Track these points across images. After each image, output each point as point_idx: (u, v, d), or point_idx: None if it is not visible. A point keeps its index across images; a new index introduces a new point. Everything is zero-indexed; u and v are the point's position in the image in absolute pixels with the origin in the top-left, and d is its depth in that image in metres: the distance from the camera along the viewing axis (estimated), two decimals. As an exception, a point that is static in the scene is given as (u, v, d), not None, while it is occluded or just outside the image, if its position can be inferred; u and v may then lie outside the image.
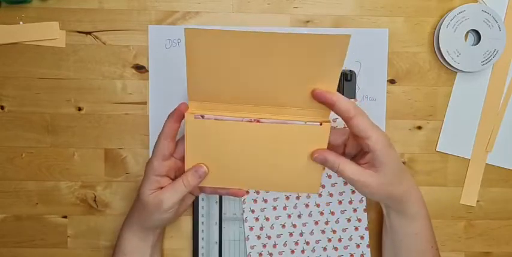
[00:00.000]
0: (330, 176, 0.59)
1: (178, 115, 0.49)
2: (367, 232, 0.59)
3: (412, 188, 0.51)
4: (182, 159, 0.52)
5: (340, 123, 0.57)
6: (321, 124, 0.48)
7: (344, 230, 0.59)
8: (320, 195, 0.59)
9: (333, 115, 0.49)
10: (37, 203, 0.60)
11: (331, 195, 0.59)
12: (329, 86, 0.46)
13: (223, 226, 0.59)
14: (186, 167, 0.51)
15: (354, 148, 0.51)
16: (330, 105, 0.46)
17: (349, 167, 0.47)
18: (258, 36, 0.43)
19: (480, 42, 0.58)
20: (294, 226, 0.59)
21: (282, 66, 0.45)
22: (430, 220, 0.53)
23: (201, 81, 0.47)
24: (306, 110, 0.48)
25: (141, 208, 0.51)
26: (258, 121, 0.48)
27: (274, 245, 0.59)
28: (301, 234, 0.59)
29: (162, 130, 0.50)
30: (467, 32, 0.59)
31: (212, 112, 0.48)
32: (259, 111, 0.48)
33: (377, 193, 0.48)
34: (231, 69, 0.45)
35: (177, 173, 0.53)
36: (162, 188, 0.51)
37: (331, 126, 0.48)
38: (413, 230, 0.52)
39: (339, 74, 0.45)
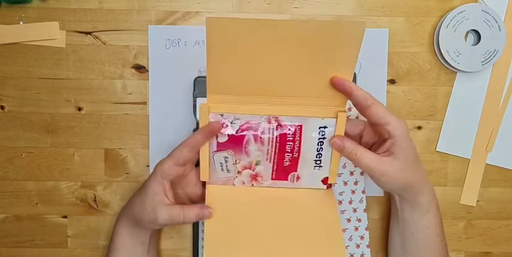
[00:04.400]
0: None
1: (209, 132, 0.49)
2: (367, 232, 0.59)
3: (426, 179, 0.51)
4: (192, 164, 0.52)
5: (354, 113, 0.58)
6: (327, 188, 0.52)
7: (344, 230, 0.59)
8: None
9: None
10: (37, 203, 0.60)
11: (331, 195, 0.59)
12: (345, 76, 0.47)
13: (223, 226, 0.59)
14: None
15: (371, 137, 0.51)
16: (348, 94, 0.47)
17: (367, 156, 0.48)
18: (277, 24, 0.44)
19: (480, 42, 0.58)
20: (294, 226, 0.59)
21: (300, 55, 0.46)
22: (440, 214, 0.53)
23: (220, 72, 0.47)
24: (323, 100, 0.49)
25: (139, 207, 0.51)
26: (277, 119, 0.50)
27: (274, 246, 0.59)
28: (301, 234, 0.59)
29: (186, 139, 0.50)
30: (467, 32, 0.59)
31: (230, 107, 0.49)
32: (277, 104, 0.49)
33: (394, 181, 0.49)
34: (249, 59, 0.46)
35: (182, 181, 0.52)
36: (165, 194, 0.50)
37: (348, 117, 0.50)
38: (426, 224, 0.52)
39: (355, 63, 0.47)
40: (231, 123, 0.50)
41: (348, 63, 0.47)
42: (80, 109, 0.59)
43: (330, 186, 0.53)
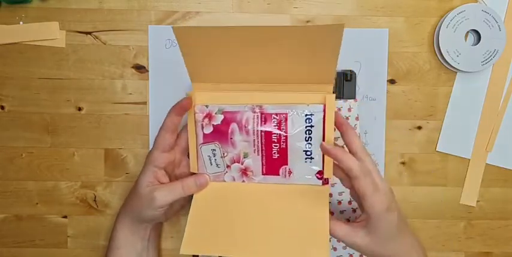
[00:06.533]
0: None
1: (180, 109, 0.50)
2: (367, 232, 0.59)
3: (408, 252, 0.50)
4: (182, 153, 0.53)
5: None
6: (323, 183, 0.50)
7: (344, 230, 0.59)
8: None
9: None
10: (37, 203, 0.60)
11: (330, 195, 0.59)
12: (328, 70, 0.47)
13: (223, 226, 0.59)
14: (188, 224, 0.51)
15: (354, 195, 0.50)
16: (336, 160, 0.48)
17: (340, 228, 0.48)
18: (247, 30, 0.44)
19: (480, 42, 0.58)
20: (294, 226, 0.59)
21: (279, 54, 0.46)
22: None
23: (200, 68, 0.48)
24: (307, 85, 0.49)
25: (134, 199, 0.52)
26: (261, 107, 0.49)
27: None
28: (300, 234, 0.59)
29: (163, 123, 0.51)
30: (467, 32, 0.59)
31: (215, 97, 0.50)
32: (261, 90, 0.49)
33: (364, 251, 0.48)
34: (227, 57, 0.47)
35: (176, 169, 0.53)
36: (159, 182, 0.51)
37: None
38: None
39: (337, 57, 0.46)
40: (215, 113, 0.50)
41: (330, 57, 0.46)
42: (80, 109, 0.59)
43: (326, 181, 0.51)
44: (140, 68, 0.59)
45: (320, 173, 0.51)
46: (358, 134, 0.58)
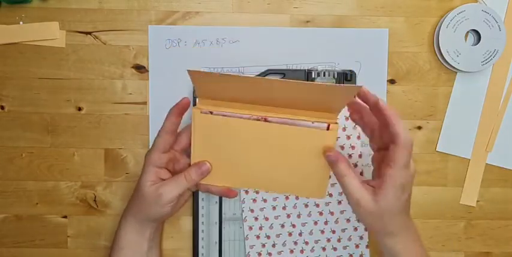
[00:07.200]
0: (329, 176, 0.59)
1: (179, 110, 0.50)
2: (367, 232, 0.59)
3: (402, 233, 0.48)
4: (182, 151, 0.53)
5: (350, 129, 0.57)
6: (328, 128, 0.48)
7: (343, 230, 0.59)
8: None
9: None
10: (37, 203, 0.60)
11: (330, 195, 0.59)
12: (335, 109, 0.47)
13: (223, 226, 0.59)
14: (192, 161, 0.52)
15: (378, 140, 0.49)
16: (389, 120, 0.46)
17: (353, 183, 0.46)
18: (260, 81, 0.44)
19: (480, 42, 0.58)
20: (293, 225, 0.59)
21: (289, 98, 0.46)
22: None
23: (208, 94, 0.48)
24: (314, 112, 0.48)
25: (139, 200, 0.52)
26: (266, 119, 0.49)
27: (273, 245, 0.59)
28: (300, 234, 0.59)
29: (163, 124, 0.51)
30: (467, 32, 0.59)
31: (220, 107, 0.49)
32: (268, 110, 0.49)
33: (366, 215, 0.47)
34: (234, 94, 0.47)
35: (176, 166, 0.53)
36: (162, 179, 0.51)
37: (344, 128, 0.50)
38: None
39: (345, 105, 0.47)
40: None
41: (339, 105, 0.47)
42: (80, 109, 0.59)
43: None
44: (140, 68, 0.59)
45: None
46: (358, 134, 0.58)
